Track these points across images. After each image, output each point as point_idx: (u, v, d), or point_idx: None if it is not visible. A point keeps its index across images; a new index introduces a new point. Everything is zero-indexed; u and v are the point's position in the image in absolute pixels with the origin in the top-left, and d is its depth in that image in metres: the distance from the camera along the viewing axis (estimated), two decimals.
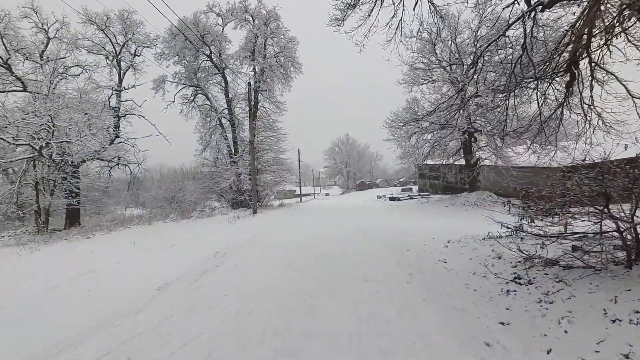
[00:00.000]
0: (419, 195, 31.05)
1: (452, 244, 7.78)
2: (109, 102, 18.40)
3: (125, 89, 20.25)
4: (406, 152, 24.47)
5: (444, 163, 26.08)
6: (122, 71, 20.31)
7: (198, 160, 22.62)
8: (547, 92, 8.35)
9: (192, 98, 23.70)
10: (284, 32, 22.93)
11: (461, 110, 22.49)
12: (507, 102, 10.34)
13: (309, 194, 61.57)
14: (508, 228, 6.32)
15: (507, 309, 3.83)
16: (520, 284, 4.45)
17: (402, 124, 24.39)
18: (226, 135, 23.08)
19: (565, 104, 8.18)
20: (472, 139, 23.03)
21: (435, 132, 23.18)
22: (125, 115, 19.97)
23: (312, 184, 66.57)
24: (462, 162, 25.15)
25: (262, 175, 22.23)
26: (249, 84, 18.80)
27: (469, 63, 21.98)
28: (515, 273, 4.84)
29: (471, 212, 19.64)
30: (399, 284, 5.18)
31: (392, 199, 31.03)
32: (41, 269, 7.76)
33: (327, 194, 66.82)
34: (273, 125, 23.79)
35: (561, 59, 7.00)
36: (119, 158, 20.36)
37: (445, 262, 6.19)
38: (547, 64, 7.31)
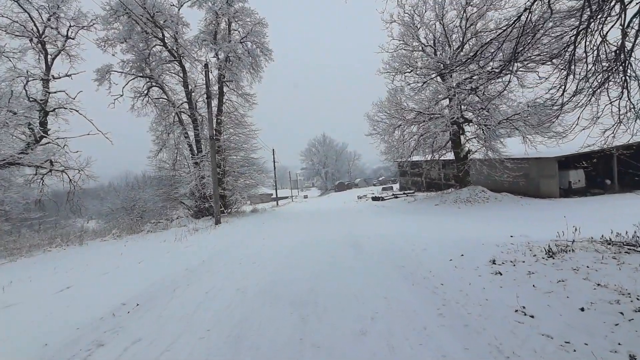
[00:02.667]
0: (404, 193, 28.62)
1: (503, 266, 4.96)
2: (26, 90, 14.44)
3: (54, 78, 16.30)
4: (390, 147, 21.86)
5: (428, 159, 23.73)
6: (49, 56, 16.33)
7: (153, 163, 18.91)
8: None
9: (145, 91, 19.99)
10: (250, 14, 19.70)
11: (449, 100, 20.22)
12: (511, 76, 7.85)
13: (287, 197, 58.23)
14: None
15: None
16: None
17: (384, 117, 21.82)
18: (187, 133, 19.54)
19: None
20: (461, 130, 20.74)
21: (421, 124, 20.69)
22: (54, 110, 16.02)
23: (290, 187, 63.20)
24: (447, 157, 22.90)
25: (230, 177, 18.86)
26: (205, 65, 15.43)
27: (457, 44, 19.74)
28: None
29: (467, 209, 17.25)
30: None
31: (375, 199, 28.43)
32: None
33: (305, 196, 63.73)
34: (242, 120, 20.46)
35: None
36: (51, 163, 16.40)
37: (532, 318, 3.32)
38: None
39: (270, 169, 31.57)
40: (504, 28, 5.51)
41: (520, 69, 17.42)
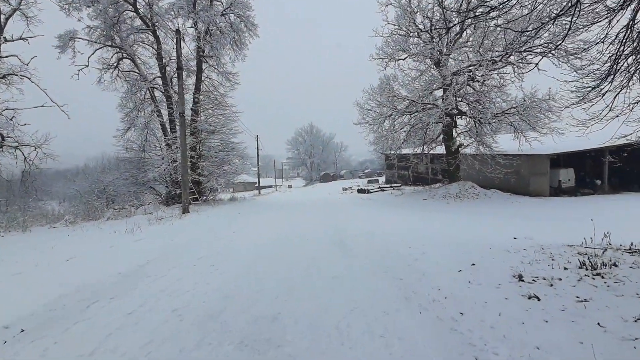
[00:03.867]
0: (391, 187, 27.50)
1: (536, 286, 3.67)
2: None
3: (6, 40, 14.05)
4: (380, 137, 20.52)
5: (417, 152, 22.59)
6: (2, 15, 14.05)
7: (120, 143, 16.89)
8: None
9: (114, 63, 17.83)
10: None
11: (443, 90, 18.98)
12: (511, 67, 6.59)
13: (271, 186, 56.50)
14: None
15: None
16: None
17: (375, 105, 20.40)
18: (159, 112, 17.59)
19: None
20: (454, 123, 19.59)
21: (413, 115, 19.38)
22: (5, 76, 13.82)
23: (274, 176, 61.33)
24: (436, 151, 21.80)
25: (207, 162, 17.10)
26: (177, 31, 13.50)
27: (455, 28, 18.40)
28: None
29: (457, 205, 16.18)
30: None
31: (360, 191, 27.20)
32: None
33: (289, 186, 62.10)
34: (222, 101, 18.60)
35: None
36: (2, 138, 14.30)
37: None
38: None
39: (252, 155, 29.76)
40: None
41: (519, 61, 16.36)
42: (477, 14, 5.83)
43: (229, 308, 3.64)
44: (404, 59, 20.06)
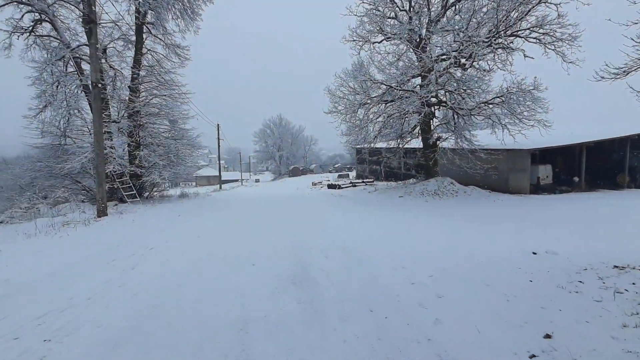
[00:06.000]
0: (363, 182, 25.57)
1: None
2: None
3: None
4: (353, 127, 18.33)
5: (391, 146, 20.77)
6: None
7: (32, 125, 13.24)
8: None
9: (29, 27, 14.01)
10: None
11: (421, 78, 17.12)
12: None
13: (236, 180, 52.95)
14: None
15: None
16: None
17: (347, 92, 18.15)
18: (88, 88, 14.10)
19: None
20: (433, 114, 17.83)
21: (388, 104, 17.36)
22: None
23: (240, 169, 57.53)
24: (411, 144, 20.10)
25: (148, 151, 13.95)
26: None
27: (436, 11, 16.48)
28: None
29: (436, 203, 14.41)
30: None
31: (331, 186, 25.03)
32: None
33: (257, 180, 58.86)
34: (168, 80, 15.40)
35: None
36: None
37: None
38: None
39: (209, 145, 26.44)
40: None
41: (506, 46, 14.80)
42: None
43: None
44: (380, 42, 17.94)
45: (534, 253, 5.86)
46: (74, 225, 7.68)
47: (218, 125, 29.76)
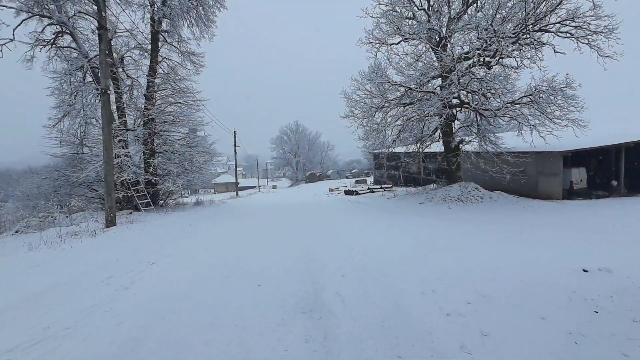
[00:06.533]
0: (381, 188, 24.68)
1: None
2: None
3: None
4: (370, 131, 17.60)
5: (410, 150, 19.88)
6: None
7: (52, 134, 13.34)
8: None
9: (51, 39, 14.26)
10: None
11: (442, 79, 16.25)
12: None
13: (254, 187, 53.00)
14: None
15: None
16: None
17: (364, 95, 17.47)
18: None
19: None
20: (454, 115, 16.85)
21: (407, 107, 16.56)
22: None
23: (258, 176, 57.64)
24: (431, 149, 19.14)
25: (161, 159, 13.76)
26: None
27: (458, 9, 15.60)
28: None
29: (460, 210, 13.39)
30: None
31: (348, 192, 24.27)
32: None
33: (274, 187, 58.77)
34: (182, 87, 15.26)
35: None
36: None
37: None
38: None
39: (225, 152, 26.31)
40: None
41: (534, 42, 13.72)
42: None
43: None
44: (397, 43, 17.23)
45: (585, 270, 4.96)
46: (80, 236, 7.36)
47: (235, 132, 29.78)
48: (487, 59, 13.36)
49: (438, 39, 15.65)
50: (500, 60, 13.23)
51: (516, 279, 4.30)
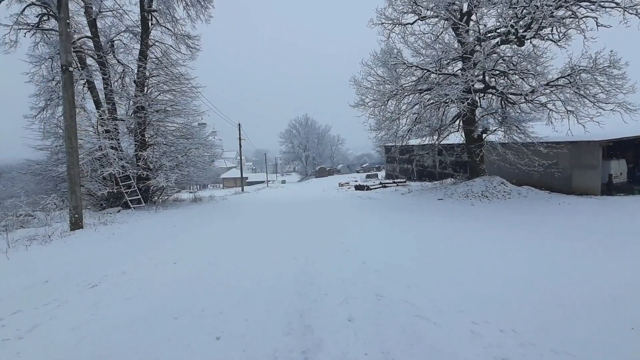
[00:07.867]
0: (394, 182, 22.90)
1: None
2: None
3: None
4: (382, 120, 15.83)
5: (425, 142, 18.07)
6: None
7: (34, 125, 12.07)
8: None
9: (36, 23, 12.96)
10: None
11: (462, 60, 14.34)
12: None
13: (262, 182, 51.74)
14: None
15: None
16: None
17: (375, 81, 15.66)
18: (92, 84, 12.81)
19: None
20: (478, 102, 14.91)
21: (424, 93, 14.70)
22: None
23: (266, 170, 56.27)
24: (447, 140, 17.30)
25: (150, 151, 12.38)
26: None
27: None
28: None
29: (486, 208, 11.59)
30: None
31: (359, 187, 22.59)
32: None
33: (283, 182, 57.41)
34: (177, 73, 13.79)
35: None
36: None
37: None
38: None
39: (231, 147, 24.87)
40: None
41: (571, 16, 11.66)
42: None
43: None
44: (412, 23, 15.30)
45: None
46: (31, 243, 6.00)
47: (239, 125, 28.29)
48: (521, 32, 11.37)
49: (459, 16, 13.72)
50: (538, 33, 11.23)
51: (579, 305, 2.64)
